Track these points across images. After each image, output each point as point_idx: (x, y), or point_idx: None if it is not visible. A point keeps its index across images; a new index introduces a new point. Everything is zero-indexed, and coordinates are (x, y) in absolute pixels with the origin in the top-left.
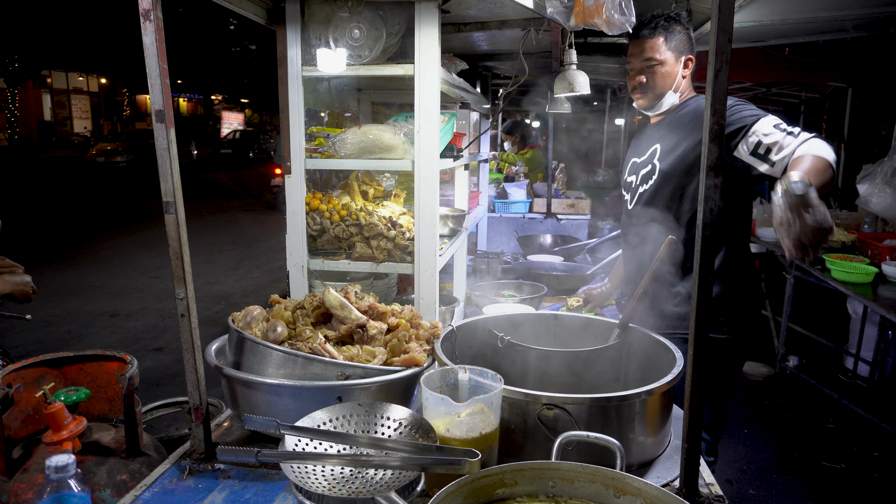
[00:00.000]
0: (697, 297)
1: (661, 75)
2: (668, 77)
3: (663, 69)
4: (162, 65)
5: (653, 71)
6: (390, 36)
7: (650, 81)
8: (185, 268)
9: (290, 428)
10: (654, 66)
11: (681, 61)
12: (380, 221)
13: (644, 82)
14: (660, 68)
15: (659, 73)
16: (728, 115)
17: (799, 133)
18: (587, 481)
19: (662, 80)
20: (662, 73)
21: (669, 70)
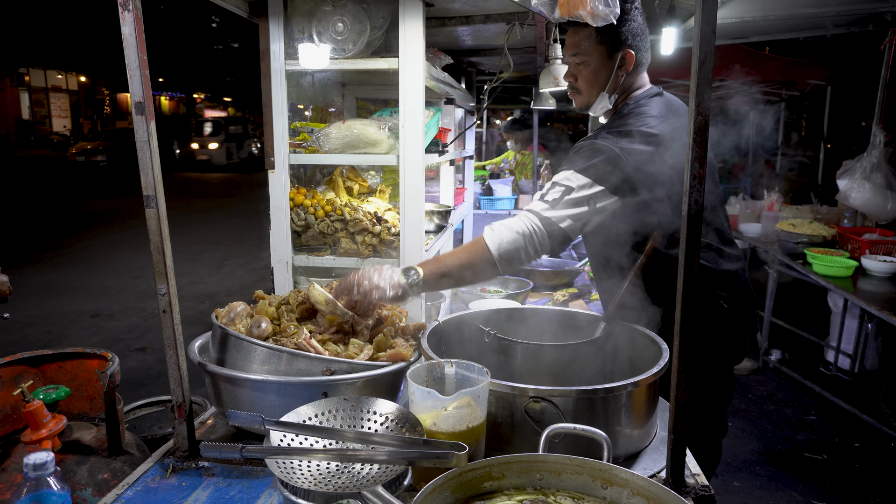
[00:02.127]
0: (682, 289)
1: (586, 77)
2: (597, 77)
3: (589, 70)
4: (142, 56)
5: (581, 68)
6: (374, 30)
7: (579, 81)
8: (167, 263)
9: (275, 423)
10: (582, 63)
11: (616, 58)
12: (365, 217)
13: (575, 81)
14: (584, 68)
15: (584, 74)
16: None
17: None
18: (574, 473)
19: (589, 84)
20: (588, 75)
21: (597, 69)
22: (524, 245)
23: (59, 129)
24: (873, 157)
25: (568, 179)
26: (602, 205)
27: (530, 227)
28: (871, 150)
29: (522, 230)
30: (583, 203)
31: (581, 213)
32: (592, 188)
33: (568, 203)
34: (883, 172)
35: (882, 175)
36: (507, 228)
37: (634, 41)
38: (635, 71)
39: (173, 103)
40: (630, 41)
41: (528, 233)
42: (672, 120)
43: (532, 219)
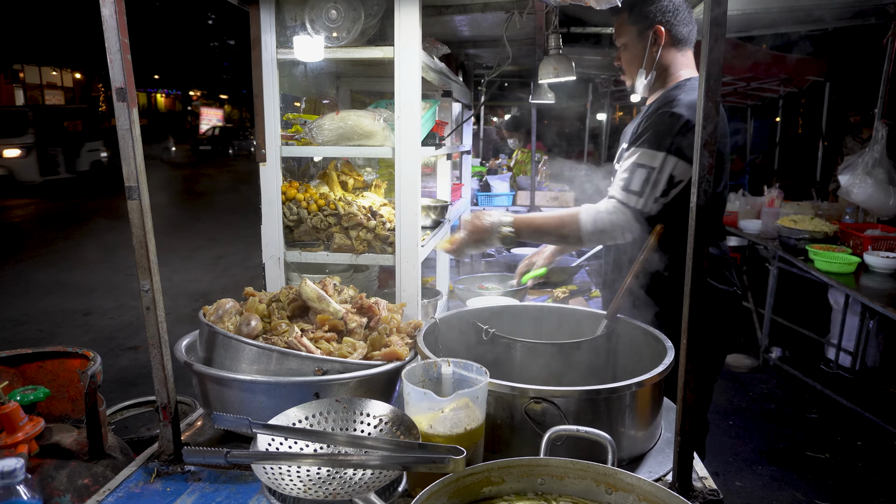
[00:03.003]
0: (691, 284)
1: (626, 59)
2: (635, 58)
3: (627, 52)
4: (122, 39)
5: (621, 52)
6: (369, 17)
7: (623, 64)
8: (151, 257)
9: (262, 426)
10: (620, 48)
11: (647, 36)
12: (359, 211)
13: (621, 65)
14: (624, 51)
15: (624, 56)
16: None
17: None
18: (577, 477)
19: (629, 64)
20: (627, 56)
21: (633, 50)
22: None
23: None
24: (875, 153)
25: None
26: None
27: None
28: (872, 146)
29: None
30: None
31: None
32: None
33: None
34: (885, 168)
35: (884, 170)
36: (605, 212)
37: (665, 17)
38: (674, 48)
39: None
40: (659, 18)
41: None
42: None
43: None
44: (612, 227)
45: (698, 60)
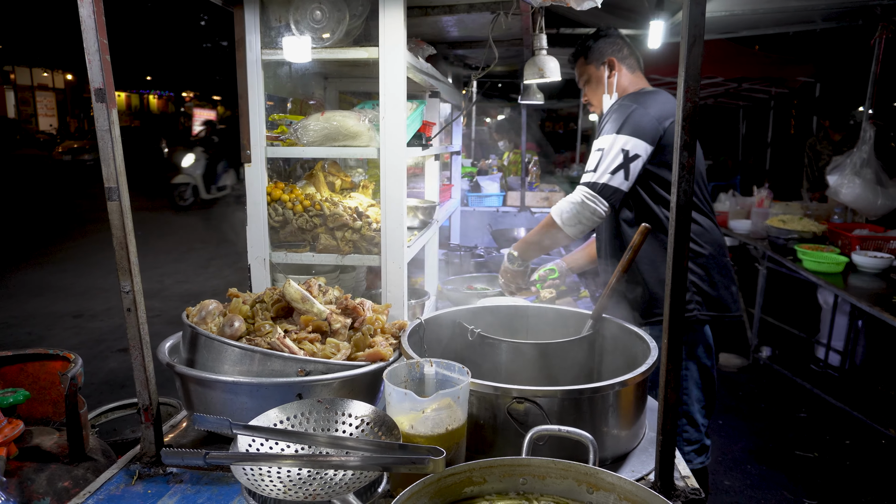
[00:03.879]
0: (671, 282)
1: (591, 92)
2: (598, 86)
3: (590, 86)
4: (101, 39)
5: (587, 87)
6: (354, 18)
7: (590, 97)
8: (131, 258)
9: (243, 427)
10: (586, 84)
11: (602, 68)
12: (345, 212)
13: (588, 100)
14: (588, 87)
15: (589, 91)
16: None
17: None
18: (559, 477)
19: (594, 95)
20: (591, 89)
21: (595, 83)
22: (579, 211)
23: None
24: (863, 153)
25: (607, 143)
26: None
27: (582, 196)
28: (860, 146)
29: (577, 200)
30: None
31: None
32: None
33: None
34: (873, 168)
35: (872, 170)
36: (567, 202)
37: (613, 50)
38: (626, 72)
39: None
40: (609, 52)
41: (581, 202)
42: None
43: (585, 191)
44: (573, 206)
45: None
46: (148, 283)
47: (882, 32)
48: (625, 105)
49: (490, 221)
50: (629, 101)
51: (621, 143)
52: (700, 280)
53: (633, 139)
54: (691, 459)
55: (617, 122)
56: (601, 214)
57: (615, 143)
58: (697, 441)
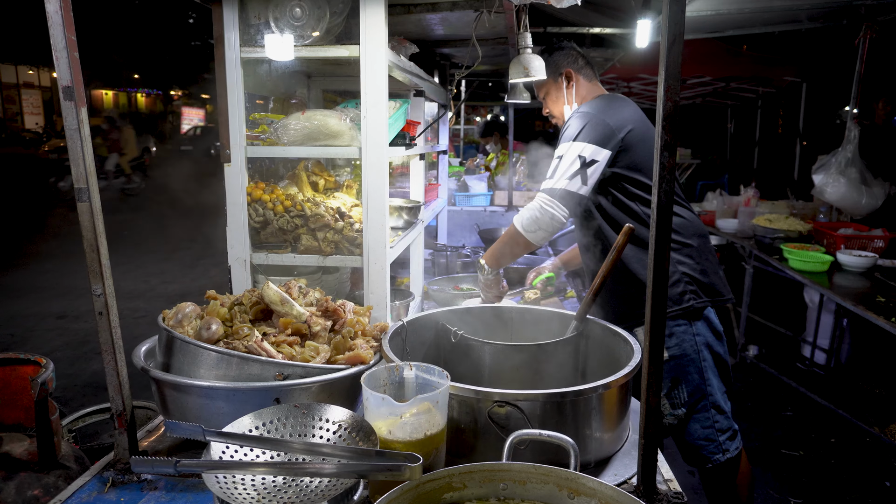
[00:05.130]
0: (653, 285)
1: (552, 103)
2: (559, 99)
3: (550, 97)
4: (69, 36)
5: (546, 100)
6: (334, 15)
7: (551, 109)
8: (102, 261)
9: (216, 434)
10: (545, 97)
11: (560, 80)
12: (327, 212)
13: (549, 112)
14: (548, 98)
15: (549, 102)
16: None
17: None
18: (540, 482)
19: (555, 106)
20: (552, 100)
21: (554, 95)
22: (539, 218)
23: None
24: (848, 153)
25: (564, 151)
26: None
27: (540, 203)
28: (845, 145)
29: (535, 207)
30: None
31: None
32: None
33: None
34: (857, 167)
35: (856, 170)
36: (527, 210)
37: (568, 62)
38: (584, 83)
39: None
40: (565, 64)
41: (539, 207)
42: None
43: (543, 198)
44: (532, 212)
45: None
46: (134, 284)
47: (866, 32)
48: (582, 114)
49: (477, 221)
50: (587, 108)
51: (578, 149)
52: (691, 270)
53: (589, 146)
54: (728, 448)
55: (574, 130)
56: (560, 220)
57: (571, 150)
58: (728, 428)
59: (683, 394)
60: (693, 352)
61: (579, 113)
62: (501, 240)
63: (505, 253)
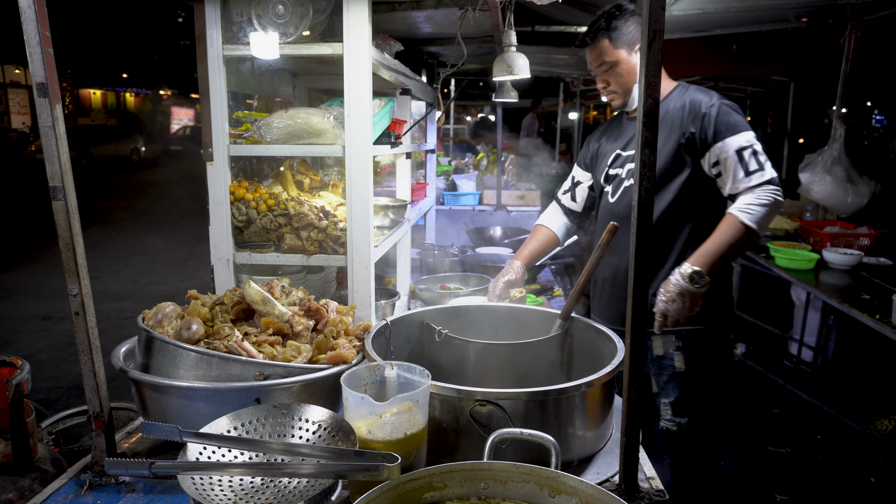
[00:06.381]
0: (634, 283)
1: (617, 75)
2: (628, 74)
3: (618, 69)
4: (43, 32)
5: (610, 73)
6: (317, 13)
7: (612, 84)
8: (78, 260)
9: (193, 435)
10: (609, 70)
11: (634, 53)
12: (311, 211)
13: (608, 85)
14: (615, 69)
15: (615, 73)
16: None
17: (754, 171)
18: (521, 481)
19: (622, 79)
20: (619, 72)
21: (625, 67)
22: (773, 211)
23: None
24: (834, 151)
25: (750, 141)
26: None
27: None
28: (831, 144)
29: (768, 201)
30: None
31: None
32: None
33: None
34: (843, 166)
35: (843, 168)
36: (757, 204)
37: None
38: None
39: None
40: (637, 38)
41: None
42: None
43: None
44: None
45: None
46: (122, 285)
47: (851, 31)
48: (728, 104)
49: (466, 220)
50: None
51: (752, 137)
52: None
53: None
54: None
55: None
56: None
57: (751, 138)
58: None
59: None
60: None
61: (723, 103)
62: (721, 241)
63: (729, 256)
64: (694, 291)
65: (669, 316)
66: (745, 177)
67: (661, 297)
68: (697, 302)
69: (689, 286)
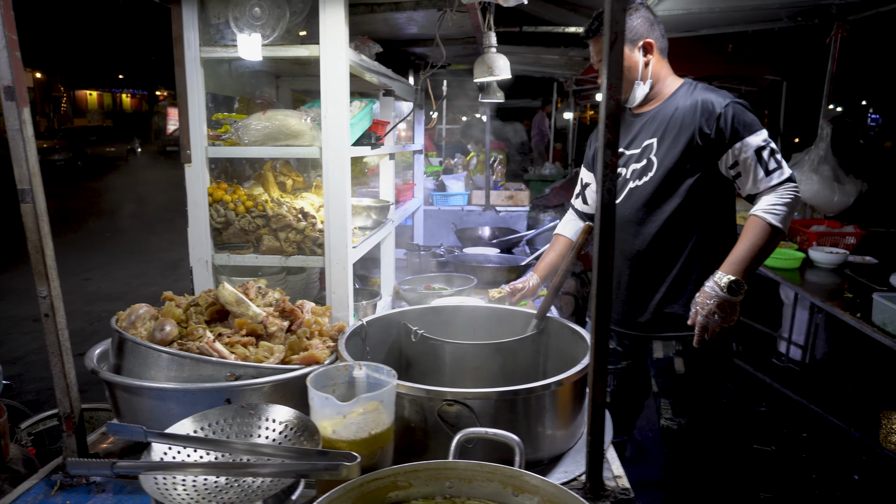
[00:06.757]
0: (598, 283)
1: None
2: (629, 70)
3: None
4: (10, 35)
5: None
6: (294, 15)
7: None
8: (48, 262)
9: (158, 435)
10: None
11: (637, 49)
12: (289, 213)
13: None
14: None
15: None
16: (732, 116)
17: (774, 170)
18: (485, 480)
19: (623, 77)
20: None
21: (627, 63)
22: (795, 209)
23: None
24: (820, 150)
25: (767, 139)
26: None
27: (794, 193)
28: (818, 143)
29: (790, 200)
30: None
31: None
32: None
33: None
34: (830, 165)
35: (829, 167)
36: (781, 204)
37: (647, 29)
38: (659, 58)
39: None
40: (645, 32)
41: (794, 198)
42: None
43: (791, 186)
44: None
45: None
46: (114, 286)
47: (837, 31)
48: (739, 103)
49: (455, 220)
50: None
51: (766, 135)
52: None
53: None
54: None
55: (752, 118)
56: None
57: (765, 137)
58: None
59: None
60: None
61: (736, 102)
62: (752, 245)
63: (760, 259)
64: (734, 301)
65: (710, 328)
66: (765, 176)
67: (699, 309)
68: (736, 311)
69: (727, 296)
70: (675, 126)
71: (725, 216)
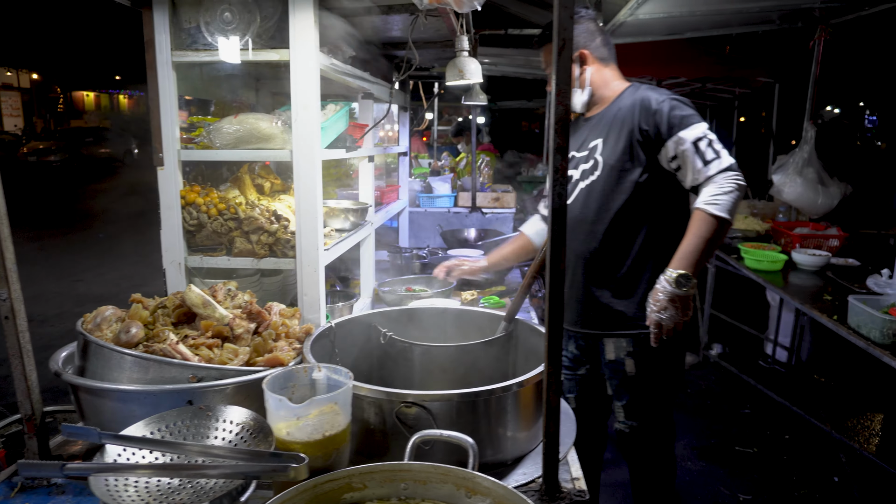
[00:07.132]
0: (550, 287)
1: None
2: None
3: None
4: None
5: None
6: (265, 20)
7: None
8: (8, 265)
9: (111, 437)
10: (550, 77)
11: (574, 61)
12: (261, 215)
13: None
14: None
15: None
16: (668, 111)
17: (712, 160)
18: (439, 482)
19: None
20: None
21: None
22: (739, 196)
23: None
24: (805, 153)
25: (704, 132)
26: None
27: (735, 182)
28: (802, 146)
29: (732, 188)
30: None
31: None
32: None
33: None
34: (814, 167)
35: (814, 170)
36: (722, 193)
37: (584, 41)
38: (604, 65)
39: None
40: (581, 43)
41: (737, 186)
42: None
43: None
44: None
45: None
46: (105, 287)
47: (820, 34)
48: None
49: (441, 222)
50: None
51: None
52: None
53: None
54: None
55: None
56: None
57: (704, 128)
58: None
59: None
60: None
61: (673, 98)
62: (698, 239)
63: (709, 251)
64: (683, 295)
65: (664, 325)
66: (703, 166)
67: (652, 307)
68: (689, 306)
69: (677, 290)
70: (617, 125)
71: (677, 213)
